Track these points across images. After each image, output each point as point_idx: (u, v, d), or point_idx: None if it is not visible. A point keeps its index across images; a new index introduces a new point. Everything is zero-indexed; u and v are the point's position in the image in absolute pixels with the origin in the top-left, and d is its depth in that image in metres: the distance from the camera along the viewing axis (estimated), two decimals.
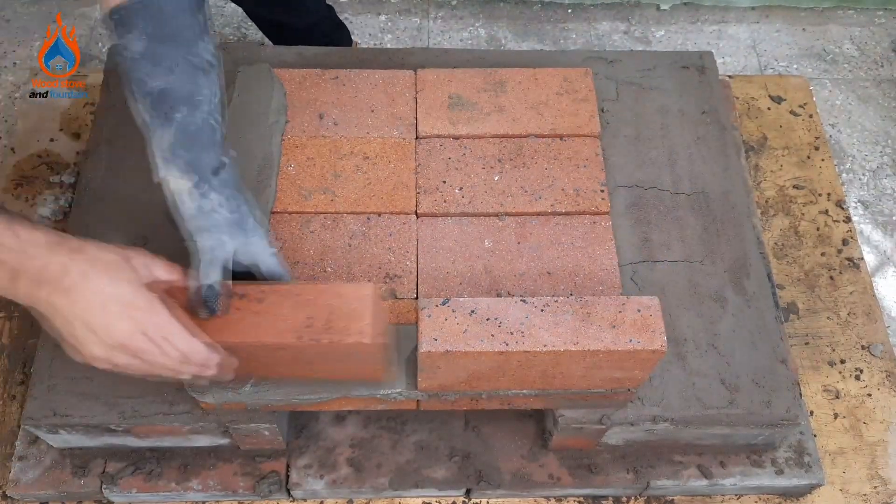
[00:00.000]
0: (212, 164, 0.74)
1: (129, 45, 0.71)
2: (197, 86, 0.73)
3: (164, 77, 0.71)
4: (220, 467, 0.99)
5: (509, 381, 0.81)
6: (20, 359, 1.11)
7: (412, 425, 1.02)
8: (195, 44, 0.73)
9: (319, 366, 0.77)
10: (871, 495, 1.06)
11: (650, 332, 0.75)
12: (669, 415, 0.89)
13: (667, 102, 1.08)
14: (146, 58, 0.71)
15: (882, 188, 1.55)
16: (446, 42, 1.76)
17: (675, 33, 1.80)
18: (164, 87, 0.72)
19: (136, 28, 0.71)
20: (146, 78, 0.71)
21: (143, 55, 0.71)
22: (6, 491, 0.98)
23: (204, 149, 0.73)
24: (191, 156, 0.72)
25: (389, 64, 1.10)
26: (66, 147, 1.30)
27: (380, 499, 1.02)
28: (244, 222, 0.75)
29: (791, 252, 1.25)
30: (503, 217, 0.93)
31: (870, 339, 1.18)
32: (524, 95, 1.00)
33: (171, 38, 0.71)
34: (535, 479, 0.99)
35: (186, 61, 0.72)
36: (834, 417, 1.11)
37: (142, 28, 0.71)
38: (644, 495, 1.04)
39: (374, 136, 0.97)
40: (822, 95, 1.68)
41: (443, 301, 0.77)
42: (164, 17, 0.71)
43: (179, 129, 0.72)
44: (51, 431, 0.91)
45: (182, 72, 0.72)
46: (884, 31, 1.80)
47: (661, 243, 0.97)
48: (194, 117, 0.73)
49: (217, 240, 0.73)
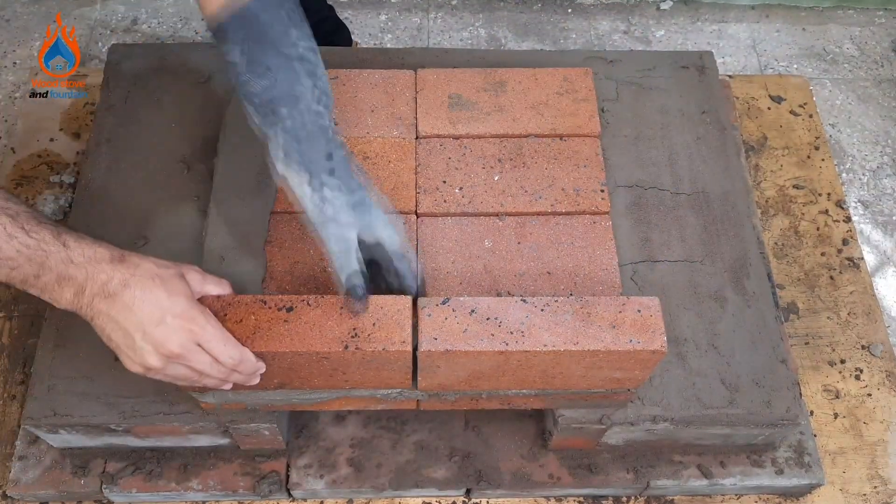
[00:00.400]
0: (323, 154, 0.73)
1: (230, 52, 0.72)
2: (295, 79, 0.72)
3: (262, 78, 0.71)
4: (220, 467, 0.99)
5: (509, 380, 0.81)
6: (20, 359, 1.12)
7: (412, 425, 1.02)
8: (286, 35, 0.72)
9: (354, 374, 0.79)
10: (871, 495, 1.06)
11: (650, 333, 0.75)
12: (669, 415, 0.89)
13: (667, 102, 1.08)
14: (243, 62, 0.72)
15: (882, 188, 1.55)
16: (446, 42, 1.76)
17: (675, 33, 1.80)
18: (264, 88, 0.72)
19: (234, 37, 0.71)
20: (247, 83, 0.72)
21: (240, 58, 0.71)
22: (6, 491, 0.98)
23: (312, 140, 0.73)
24: (302, 150, 0.73)
25: (389, 64, 1.10)
26: (66, 147, 1.30)
27: (380, 499, 1.02)
28: (363, 202, 0.75)
29: (791, 252, 1.25)
30: (503, 217, 0.93)
31: (870, 338, 1.18)
32: (524, 95, 1.00)
33: (263, 37, 0.71)
34: (535, 479, 1.00)
35: (280, 55, 0.72)
36: (834, 417, 1.11)
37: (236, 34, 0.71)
38: (644, 495, 1.04)
39: (374, 136, 0.97)
40: (822, 95, 1.68)
41: (443, 300, 0.77)
42: (256, 22, 0.71)
43: (286, 127, 0.72)
44: (51, 431, 0.91)
45: (278, 68, 0.72)
46: (884, 31, 1.80)
47: (662, 243, 0.97)
48: (298, 110, 0.72)
49: (344, 225, 0.74)
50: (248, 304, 0.75)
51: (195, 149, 1.03)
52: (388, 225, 0.77)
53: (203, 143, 1.04)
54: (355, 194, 0.74)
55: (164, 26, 1.74)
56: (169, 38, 1.72)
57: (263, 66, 0.71)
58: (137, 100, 1.07)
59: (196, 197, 1.00)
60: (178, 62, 1.11)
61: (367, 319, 0.75)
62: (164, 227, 0.97)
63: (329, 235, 0.74)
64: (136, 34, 1.73)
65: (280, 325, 0.74)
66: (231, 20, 0.71)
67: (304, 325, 0.75)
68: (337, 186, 0.73)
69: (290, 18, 0.73)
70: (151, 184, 1.01)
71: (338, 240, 0.74)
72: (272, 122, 0.72)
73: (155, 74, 1.10)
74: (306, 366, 0.77)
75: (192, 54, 1.12)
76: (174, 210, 0.99)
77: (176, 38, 1.72)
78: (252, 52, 0.71)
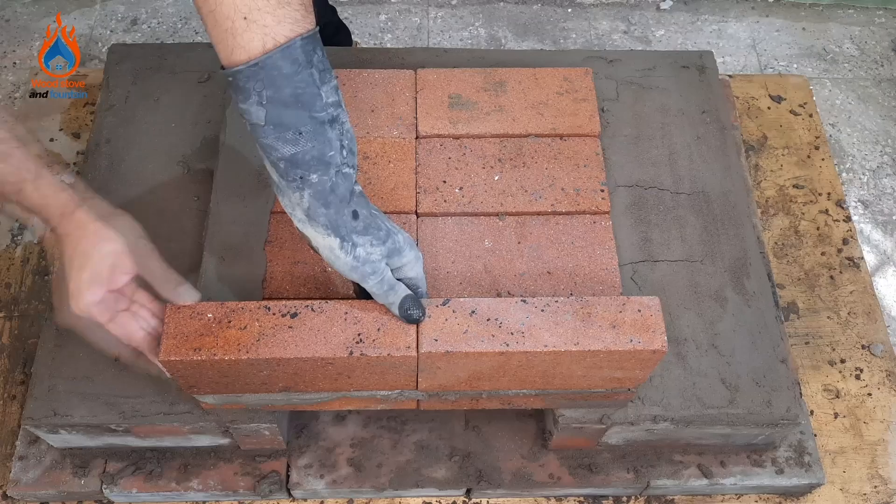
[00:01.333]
0: (349, 214, 0.71)
1: (250, 112, 0.65)
2: (327, 143, 0.67)
3: (293, 143, 0.66)
4: (220, 467, 0.99)
5: (510, 381, 0.81)
6: (20, 359, 1.12)
7: (412, 425, 1.02)
8: (318, 98, 0.66)
9: (359, 378, 0.79)
10: (871, 495, 1.06)
11: (650, 332, 0.75)
12: (670, 414, 0.89)
13: (667, 102, 1.08)
14: (270, 125, 0.65)
15: (882, 188, 1.55)
16: (446, 42, 1.75)
17: (675, 33, 1.80)
18: (294, 153, 0.66)
19: (252, 93, 0.64)
20: (274, 145, 0.66)
21: (266, 122, 0.65)
22: (6, 491, 0.98)
23: (342, 202, 0.70)
24: (330, 213, 0.69)
25: (389, 64, 1.10)
26: (66, 147, 1.30)
27: (380, 499, 1.02)
28: (395, 245, 0.74)
29: (791, 252, 1.25)
30: (503, 217, 0.93)
31: (870, 338, 1.18)
32: (524, 95, 1.00)
33: (295, 101, 0.65)
34: (535, 479, 1.00)
35: (312, 120, 0.66)
36: (834, 417, 1.11)
37: (259, 93, 0.64)
38: (644, 495, 1.04)
39: (374, 136, 0.97)
40: (822, 95, 1.68)
41: (443, 301, 0.77)
42: (282, 79, 0.63)
43: (316, 192, 0.68)
44: (51, 431, 0.91)
45: (310, 133, 0.66)
46: (884, 31, 1.80)
47: (662, 243, 0.97)
48: (328, 175, 0.68)
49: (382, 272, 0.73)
50: (252, 311, 0.75)
51: (195, 149, 1.03)
52: (417, 261, 0.76)
53: (203, 143, 1.04)
54: (387, 243, 0.73)
55: (164, 26, 1.74)
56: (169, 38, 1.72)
57: (294, 131, 0.65)
58: (137, 100, 1.07)
59: (196, 197, 1.00)
60: (178, 62, 1.11)
61: (372, 324, 0.76)
62: (164, 227, 0.97)
63: (371, 285, 0.73)
64: (136, 34, 1.73)
65: (284, 332, 0.74)
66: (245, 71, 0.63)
67: (309, 331, 0.75)
68: (369, 243, 0.71)
69: (320, 75, 0.66)
70: (151, 184, 1.01)
71: (379, 284, 0.73)
72: (297, 187, 0.68)
73: (155, 74, 1.10)
74: (311, 371, 0.77)
75: (192, 54, 1.12)
76: (174, 210, 0.99)
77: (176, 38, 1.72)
78: (280, 116, 0.65)
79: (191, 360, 0.73)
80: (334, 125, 0.68)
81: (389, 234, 0.73)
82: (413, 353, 0.74)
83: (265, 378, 0.78)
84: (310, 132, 0.66)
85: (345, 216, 0.70)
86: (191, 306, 0.75)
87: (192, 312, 0.75)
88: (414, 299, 0.75)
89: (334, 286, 0.87)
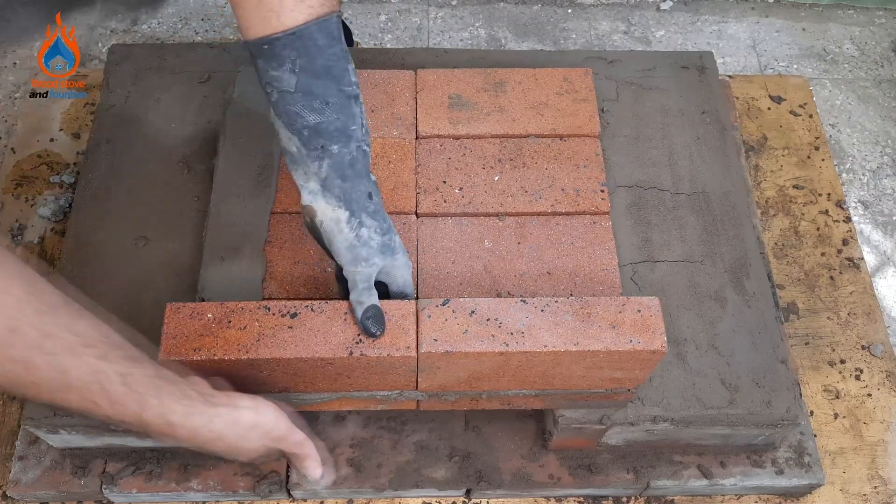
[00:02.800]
0: (365, 193, 0.73)
1: (281, 79, 0.68)
2: (351, 116, 0.70)
3: (319, 113, 0.69)
4: (220, 467, 0.99)
5: (509, 381, 0.81)
6: None
7: (412, 425, 1.02)
8: (346, 73, 0.70)
9: (359, 378, 0.79)
10: (871, 495, 1.06)
11: (650, 333, 0.75)
12: (670, 415, 0.89)
13: (667, 102, 1.08)
14: (300, 92, 0.68)
15: (882, 188, 1.55)
16: (446, 42, 1.75)
17: (675, 33, 1.79)
18: (319, 122, 0.69)
19: (287, 61, 0.67)
20: (301, 112, 0.69)
21: (296, 90, 0.68)
22: (6, 491, 0.98)
23: (358, 178, 0.72)
24: (346, 186, 0.71)
25: (389, 64, 1.10)
26: (66, 147, 1.30)
27: (380, 499, 1.02)
28: (392, 243, 0.75)
29: (791, 252, 1.25)
30: (503, 217, 0.93)
31: (870, 339, 1.18)
32: (524, 95, 1.00)
33: (326, 72, 0.68)
34: (535, 479, 0.99)
35: (340, 93, 0.69)
36: (834, 417, 1.11)
37: (294, 61, 0.67)
38: (644, 495, 1.04)
39: (374, 136, 0.97)
40: (822, 95, 1.68)
41: (443, 301, 0.77)
42: (316, 50, 0.67)
43: (335, 163, 0.70)
44: (51, 431, 0.91)
45: (336, 105, 0.69)
46: (884, 31, 1.80)
47: (662, 243, 0.97)
48: (349, 148, 0.71)
49: (372, 266, 0.74)
50: (251, 311, 0.75)
51: (195, 149, 1.03)
52: (406, 267, 0.77)
53: (203, 143, 1.04)
54: (385, 236, 0.74)
55: (164, 26, 1.74)
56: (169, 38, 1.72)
57: (321, 100, 0.68)
58: (137, 100, 1.07)
59: (196, 197, 1.00)
60: (178, 62, 1.11)
61: None
62: (164, 227, 0.97)
63: (356, 273, 0.73)
64: (136, 34, 1.72)
65: (284, 332, 0.74)
66: (283, 39, 0.66)
67: (309, 331, 0.75)
68: (374, 228, 0.73)
69: (345, 53, 0.70)
70: (151, 184, 1.01)
71: (364, 278, 0.74)
72: (318, 156, 0.70)
73: (155, 74, 1.10)
74: (311, 371, 0.77)
75: (192, 54, 1.12)
76: (174, 210, 0.99)
77: (176, 38, 1.72)
78: (310, 84, 0.68)
79: (191, 360, 0.73)
80: (358, 101, 0.71)
81: (390, 230, 0.75)
82: (413, 353, 0.74)
83: (265, 378, 0.78)
84: (336, 104, 0.69)
85: (359, 192, 0.72)
86: (191, 306, 0.75)
87: (192, 312, 0.75)
88: (380, 314, 0.75)
89: (335, 287, 0.87)
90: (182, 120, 1.06)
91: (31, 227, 1.22)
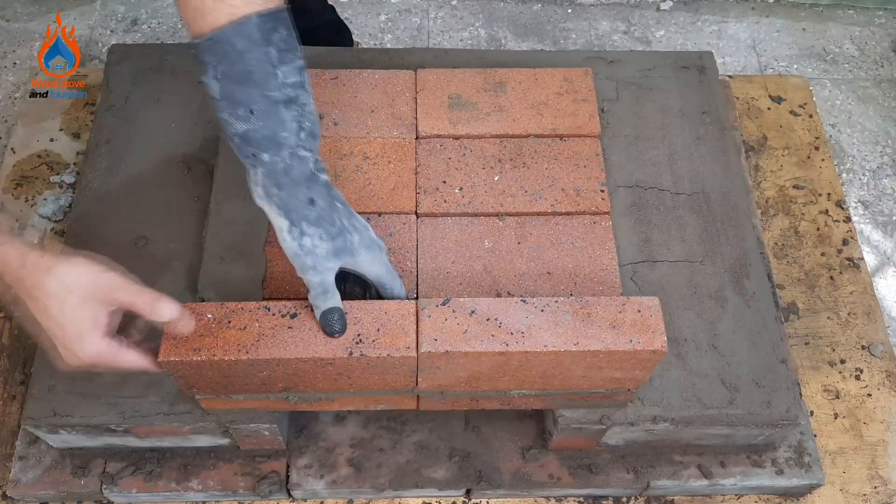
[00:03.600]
0: (304, 201, 0.70)
1: (208, 86, 0.66)
2: (280, 123, 0.67)
3: (244, 120, 0.66)
4: (220, 467, 0.99)
5: (509, 381, 0.81)
6: (20, 359, 1.11)
7: (412, 425, 1.02)
8: (272, 77, 0.66)
9: (359, 378, 0.79)
10: (871, 495, 1.06)
11: (650, 333, 0.75)
12: (669, 415, 0.89)
13: (667, 102, 1.08)
14: (224, 100, 0.66)
15: (882, 188, 1.55)
16: (446, 42, 1.75)
17: (675, 33, 1.80)
18: (246, 130, 0.67)
19: (209, 67, 0.65)
20: (228, 120, 0.67)
21: (221, 97, 0.66)
22: (6, 491, 0.98)
23: (295, 186, 0.69)
24: (283, 195, 0.69)
25: (389, 64, 1.10)
26: (66, 147, 1.30)
27: (380, 499, 1.02)
28: (346, 244, 0.73)
29: (791, 252, 1.25)
30: (503, 217, 0.93)
31: (870, 339, 1.18)
32: (524, 95, 1.00)
33: (246, 78, 0.65)
34: (535, 479, 0.99)
35: (265, 99, 0.66)
36: (834, 417, 1.11)
37: (214, 67, 0.65)
38: (644, 495, 1.04)
39: (374, 137, 0.97)
40: (822, 95, 1.68)
41: (443, 301, 0.77)
42: (235, 55, 0.64)
43: (268, 171, 0.69)
44: (51, 431, 0.91)
45: (261, 112, 0.66)
46: (884, 31, 1.80)
47: (661, 243, 0.97)
48: (280, 156, 0.68)
49: (323, 272, 0.72)
50: (251, 311, 0.75)
51: (195, 149, 1.03)
52: (374, 262, 0.76)
53: (203, 143, 1.04)
54: (336, 241, 0.72)
55: (164, 26, 1.74)
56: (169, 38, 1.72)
57: (245, 108, 0.66)
58: (137, 100, 1.08)
59: (196, 197, 1.00)
60: (178, 62, 1.11)
61: (372, 325, 0.75)
62: (164, 227, 0.97)
63: (308, 280, 0.72)
64: (136, 34, 1.72)
65: (284, 332, 0.74)
66: (203, 44, 0.64)
67: (309, 331, 0.75)
68: (318, 235, 0.71)
69: (279, 55, 0.66)
70: (151, 184, 1.01)
71: (315, 285, 0.72)
72: (252, 164, 0.69)
73: (155, 74, 1.10)
74: (311, 371, 0.77)
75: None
76: (174, 210, 0.99)
77: (176, 38, 1.72)
78: (232, 92, 0.65)
79: (190, 360, 0.73)
80: (291, 106, 0.68)
81: (342, 231, 0.72)
82: (413, 353, 0.74)
83: (265, 379, 0.78)
84: (261, 111, 0.66)
85: (298, 200, 0.70)
86: (191, 306, 0.75)
87: (192, 313, 0.75)
88: (342, 316, 0.74)
89: None
90: (182, 120, 1.06)
91: (31, 227, 1.22)
